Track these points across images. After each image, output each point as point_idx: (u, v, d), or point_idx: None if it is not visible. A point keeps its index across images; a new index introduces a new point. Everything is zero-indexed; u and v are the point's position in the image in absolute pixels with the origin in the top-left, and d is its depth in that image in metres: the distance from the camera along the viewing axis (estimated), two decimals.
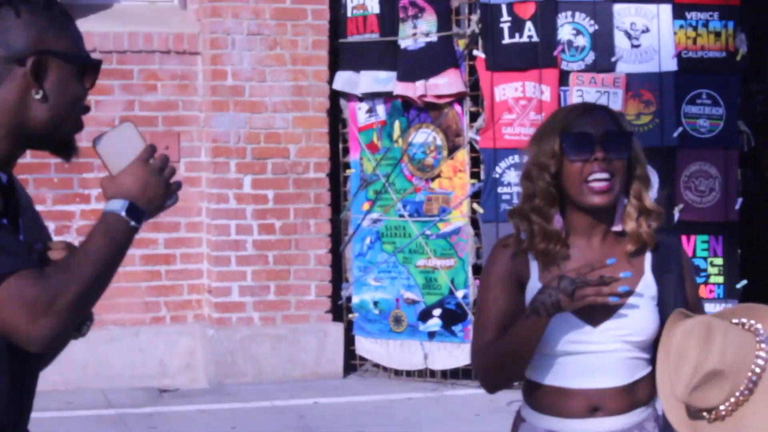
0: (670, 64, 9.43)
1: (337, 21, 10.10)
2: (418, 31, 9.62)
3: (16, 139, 2.76)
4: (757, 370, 3.09)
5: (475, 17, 9.45)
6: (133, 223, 2.69)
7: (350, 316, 10.09)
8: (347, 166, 10.21)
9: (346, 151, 10.20)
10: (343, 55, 10.07)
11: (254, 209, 9.83)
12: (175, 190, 2.79)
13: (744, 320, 3.19)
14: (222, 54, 9.80)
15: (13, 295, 2.56)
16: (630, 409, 3.32)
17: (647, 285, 3.35)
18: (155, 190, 2.73)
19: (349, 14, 10.03)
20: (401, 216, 9.84)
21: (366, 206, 9.99)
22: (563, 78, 9.35)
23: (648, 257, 3.39)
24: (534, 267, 3.41)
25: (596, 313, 3.32)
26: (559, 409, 3.38)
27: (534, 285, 3.37)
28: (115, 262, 2.72)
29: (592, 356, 3.33)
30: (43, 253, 2.78)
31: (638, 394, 3.30)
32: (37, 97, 2.71)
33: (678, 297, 3.36)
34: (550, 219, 3.38)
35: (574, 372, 3.36)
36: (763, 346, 3.11)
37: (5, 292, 2.56)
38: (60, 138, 2.82)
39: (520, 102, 9.29)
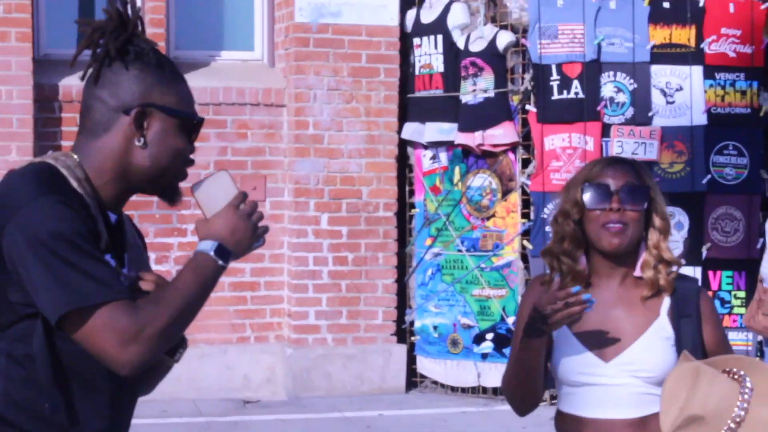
0: (701, 119, 9.72)
1: (406, 78, 10.51)
2: (477, 88, 9.97)
3: (121, 182, 2.93)
4: (737, 419, 3.11)
5: (528, 76, 9.86)
6: (220, 262, 2.86)
7: (412, 338, 10.47)
8: (412, 206, 10.58)
9: (412, 192, 10.57)
10: (410, 108, 10.49)
11: (330, 243, 10.24)
12: (262, 234, 2.94)
13: (735, 370, 3.20)
14: (305, 107, 10.21)
15: (105, 323, 2.70)
16: None
17: (661, 327, 3.40)
18: (243, 233, 2.88)
19: (416, 72, 10.44)
20: (459, 251, 10.19)
21: (428, 242, 10.36)
22: (605, 130, 9.64)
23: (666, 301, 3.43)
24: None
25: (608, 349, 3.41)
26: None
27: None
28: (201, 297, 2.88)
29: (603, 388, 3.38)
30: (134, 283, 2.95)
31: (649, 428, 3.31)
32: (139, 144, 2.90)
33: (695, 340, 3.39)
34: (577, 260, 3.48)
35: (587, 402, 3.42)
36: (745, 396, 3.13)
37: (98, 320, 2.71)
38: (163, 185, 2.99)
39: (566, 151, 9.63)
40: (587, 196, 3.38)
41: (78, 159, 2.88)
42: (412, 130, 10.39)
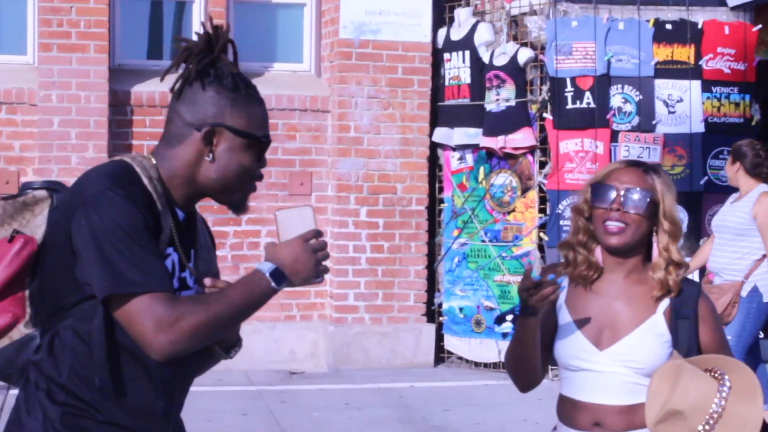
0: (699, 127, 10.06)
1: (437, 88, 10.85)
2: (500, 98, 10.28)
3: (190, 187, 2.97)
4: (714, 415, 3.09)
5: (545, 87, 10.18)
6: (273, 284, 2.83)
7: (440, 318, 10.79)
8: (441, 201, 10.95)
9: (441, 189, 10.96)
10: (441, 114, 10.83)
11: (368, 233, 10.62)
12: (323, 272, 2.90)
13: (716, 369, 3.19)
14: (347, 112, 10.58)
15: (144, 310, 2.73)
16: (628, 429, 3.31)
17: (655, 324, 3.34)
18: (305, 265, 2.85)
19: (446, 83, 10.78)
20: (483, 241, 10.52)
21: (455, 233, 10.70)
22: (614, 136, 9.98)
23: (665, 302, 3.38)
24: (564, 291, 3.44)
25: (604, 338, 3.36)
26: (571, 419, 3.43)
27: (561, 303, 3.44)
28: (246, 310, 2.88)
29: (596, 374, 3.34)
30: (199, 280, 3.03)
31: (638, 416, 3.28)
32: (208, 159, 2.93)
33: (691, 341, 3.34)
34: (591, 251, 3.46)
35: (581, 387, 3.39)
36: (723, 394, 3.11)
37: (138, 305, 2.74)
38: (230, 197, 3.01)
39: (579, 154, 9.97)
40: (594, 195, 3.41)
41: (154, 161, 2.97)
42: (442, 134, 10.77)
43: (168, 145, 2.96)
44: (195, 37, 2.99)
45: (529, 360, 3.38)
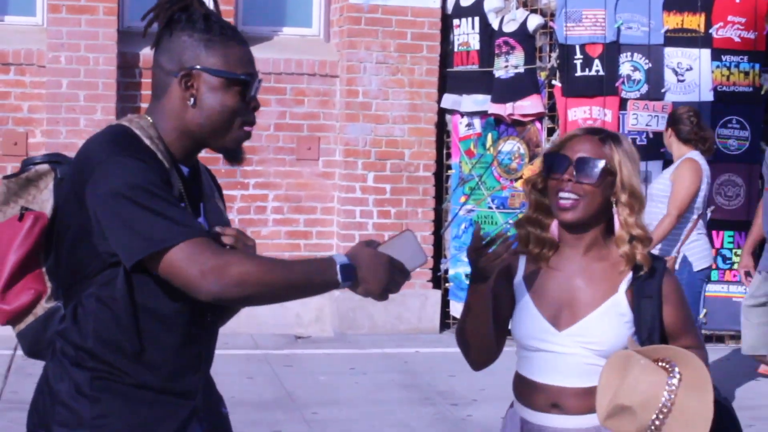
0: (708, 96, 10.05)
1: (446, 54, 10.85)
2: (509, 64, 10.30)
3: (186, 139, 2.97)
4: (664, 409, 3.05)
5: (554, 54, 10.23)
6: (339, 277, 2.79)
7: (446, 284, 10.86)
8: (449, 167, 11.00)
9: (449, 155, 11.01)
10: (449, 81, 10.85)
11: (375, 198, 10.66)
12: (385, 297, 2.86)
13: (666, 359, 3.10)
14: (355, 77, 10.61)
15: (187, 257, 2.75)
16: (587, 412, 3.23)
17: (616, 302, 3.27)
18: (376, 280, 2.81)
19: (455, 49, 10.80)
20: (490, 208, 10.53)
21: (462, 199, 10.70)
22: (622, 104, 9.99)
23: (627, 279, 3.30)
24: (521, 265, 3.39)
25: (563, 318, 3.29)
26: (528, 399, 3.36)
27: (519, 280, 3.37)
28: (300, 287, 2.84)
29: (554, 356, 3.27)
30: (217, 237, 2.98)
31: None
32: (190, 104, 2.94)
33: (654, 321, 3.27)
34: (545, 228, 3.35)
35: (539, 368, 3.32)
36: (672, 387, 3.05)
37: (180, 254, 2.75)
38: (223, 143, 2.99)
39: (587, 122, 9.88)
40: (546, 165, 3.31)
41: (151, 120, 2.98)
42: (450, 101, 10.78)
43: (156, 99, 2.97)
44: None
45: (480, 332, 3.31)
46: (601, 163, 3.19)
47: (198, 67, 2.90)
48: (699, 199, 7.67)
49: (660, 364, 3.04)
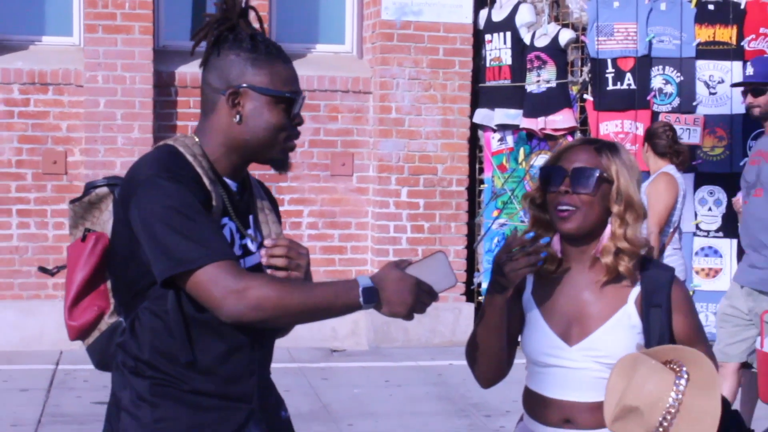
0: (740, 108, 9.59)
1: (478, 69, 10.81)
2: (540, 79, 10.33)
3: (232, 155, 3.02)
4: (671, 410, 3.02)
5: (586, 69, 10.21)
6: (361, 300, 2.81)
7: (479, 298, 10.66)
8: (481, 182, 10.96)
9: (481, 170, 10.95)
10: (481, 96, 10.81)
11: (408, 213, 10.60)
12: (411, 317, 2.88)
13: (674, 360, 3.08)
14: (388, 93, 10.57)
15: (210, 280, 2.80)
16: (600, 427, 3.18)
17: (626, 314, 3.23)
18: (401, 302, 2.83)
19: (487, 65, 10.78)
20: (522, 221, 10.29)
21: (495, 213, 10.69)
22: (654, 117, 9.86)
23: (635, 289, 3.25)
24: (529, 281, 3.35)
25: (573, 333, 3.26)
26: (539, 415, 3.32)
27: (527, 296, 3.34)
28: (322, 309, 2.87)
29: (566, 371, 3.24)
30: (261, 245, 3.06)
31: None
32: (236, 120, 2.99)
33: (663, 330, 3.23)
34: (546, 243, 3.30)
35: (550, 383, 3.29)
36: (680, 387, 3.03)
37: (204, 276, 2.81)
38: (270, 156, 3.04)
39: (619, 135, 9.93)
40: (544, 179, 3.28)
41: (197, 139, 3.04)
42: (482, 115, 10.74)
43: (204, 117, 3.03)
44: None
45: (493, 346, 3.29)
46: (597, 173, 3.16)
47: (244, 85, 2.94)
48: (675, 213, 7.69)
49: (669, 366, 3.01)
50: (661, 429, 2.97)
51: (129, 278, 2.99)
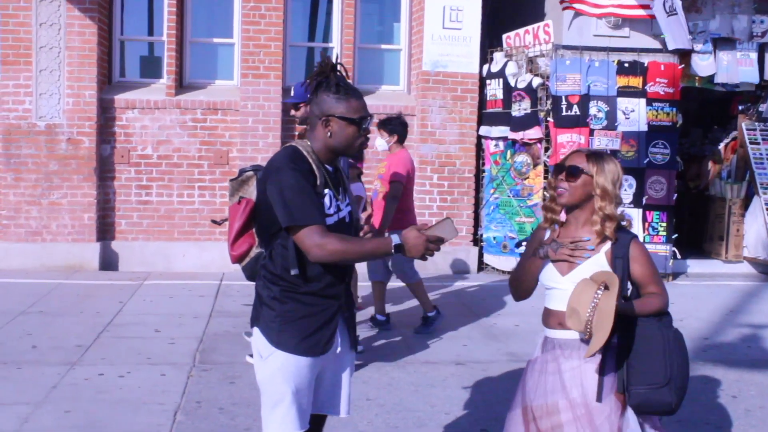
0: (644, 128, 10.38)
1: (482, 101, 11.04)
2: (520, 108, 10.54)
3: (328, 153, 3.05)
4: (592, 308, 2.94)
5: (549, 101, 10.38)
6: (393, 251, 2.85)
7: (481, 243, 11.08)
8: (483, 171, 11.17)
9: (483, 164, 11.17)
10: (484, 118, 11.05)
11: (438, 190, 10.90)
12: (425, 259, 2.89)
13: (604, 279, 2.99)
14: (426, 116, 10.87)
15: (306, 234, 2.86)
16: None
17: (597, 260, 3.12)
18: (417, 250, 2.84)
19: (488, 98, 11.02)
20: (509, 196, 10.78)
21: (492, 191, 10.93)
22: (591, 132, 10.26)
23: (607, 245, 3.14)
24: (547, 235, 3.31)
25: (565, 268, 3.17)
26: (546, 322, 3.25)
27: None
28: (369, 256, 2.92)
29: (561, 292, 3.16)
30: (360, 227, 3.17)
31: None
32: (328, 136, 3.00)
33: (624, 273, 3.10)
34: (557, 213, 3.26)
35: (552, 300, 3.22)
36: (598, 294, 2.95)
37: (302, 232, 2.86)
38: (349, 153, 3.09)
39: (569, 143, 10.24)
40: (555, 170, 3.24)
41: (309, 142, 3.04)
42: (485, 130, 11.04)
43: (311, 130, 3.04)
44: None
45: (529, 281, 3.28)
46: (582, 170, 3.13)
47: (333, 114, 2.98)
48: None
49: (599, 283, 2.96)
50: (588, 321, 2.95)
51: (266, 226, 2.99)
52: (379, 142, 7.20)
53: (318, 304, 2.99)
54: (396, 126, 7.12)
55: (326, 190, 2.94)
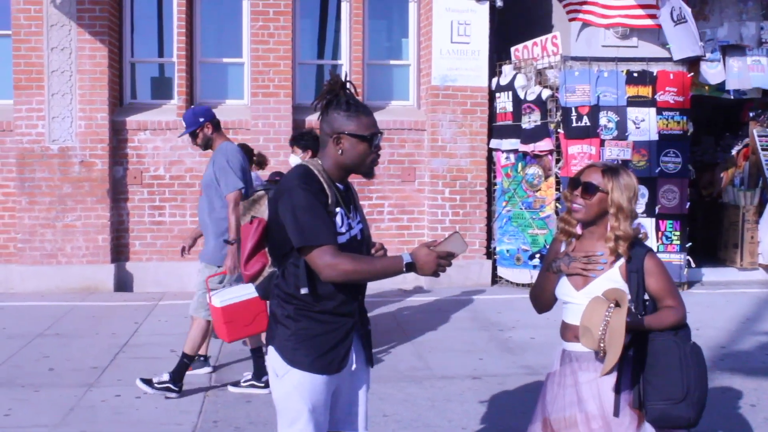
0: (655, 137, 10.33)
1: (492, 114, 11.02)
2: (530, 120, 10.49)
3: (339, 171, 3.03)
4: (603, 326, 2.95)
5: (559, 113, 10.32)
6: (404, 270, 2.85)
7: (495, 256, 11.03)
8: (495, 184, 11.14)
9: (495, 176, 11.14)
10: (494, 131, 11.03)
11: (450, 204, 10.94)
12: (437, 276, 2.87)
13: (614, 297, 2.99)
14: (436, 130, 10.87)
15: (317, 255, 2.85)
16: None
17: (611, 275, 3.12)
18: (428, 268, 2.84)
19: (497, 111, 10.99)
20: (521, 209, 10.73)
21: (504, 204, 10.88)
22: (602, 143, 10.20)
23: (620, 261, 3.13)
24: (562, 248, 3.31)
25: (579, 283, 3.17)
26: (563, 335, 3.26)
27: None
28: (380, 275, 2.87)
29: (576, 306, 3.16)
30: (364, 234, 3.04)
31: None
32: (339, 153, 2.98)
33: (639, 288, 3.09)
34: (572, 225, 3.25)
35: (568, 314, 3.22)
36: (609, 313, 2.95)
37: (314, 252, 2.86)
38: (360, 171, 3.04)
39: (580, 154, 10.20)
40: (571, 184, 3.21)
41: (320, 161, 3.03)
42: (495, 143, 11.01)
43: (322, 149, 3.05)
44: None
45: (546, 295, 3.30)
46: (599, 187, 3.13)
47: (343, 132, 2.97)
48: None
49: (610, 300, 2.97)
50: (600, 339, 2.96)
51: (278, 245, 2.99)
52: (293, 159, 7.12)
53: (332, 321, 3.00)
54: (309, 141, 7.04)
55: (338, 209, 2.94)
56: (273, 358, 3.06)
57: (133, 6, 10.91)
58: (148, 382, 6.09)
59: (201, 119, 6.04)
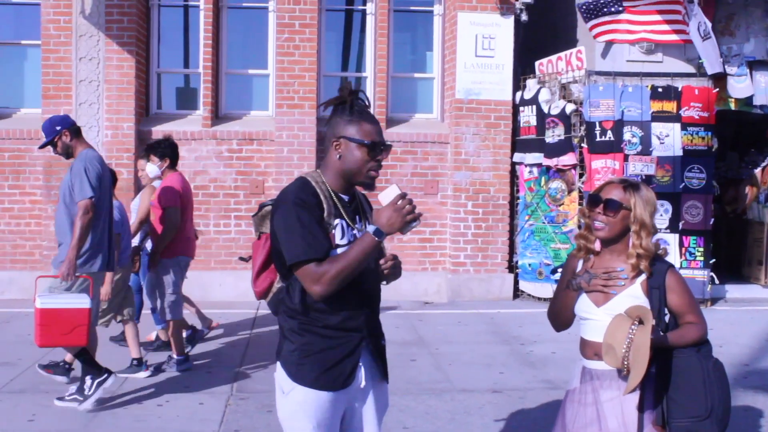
0: (679, 152, 10.32)
1: (516, 128, 11.07)
2: (554, 134, 10.51)
3: (340, 179, 2.95)
4: (627, 344, 2.93)
5: (582, 127, 10.37)
6: (377, 238, 2.76)
7: (517, 270, 11.02)
8: (518, 198, 11.13)
9: (518, 190, 11.13)
10: (518, 144, 11.05)
11: (472, 217, 10.93)
12: (411, 221, 2.77)
13: (637, 314, 2.97)
14: (460, 143, 10.89)
15: (305, 270, 2.80)
16: None
17: (632, 291, 3.10)
18: (396, 221, 2.77)
19: (521, 125, 11.02)
20: (543, 223, 10.76)
21: (527, 218, 10.90)
22: (626, 158, 10.16)
23: (642, 277, 3.11)
24: (580, 264, 3.28)
25: (600, 299, 3.14)
26: (582, 352, 3.23)
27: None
28: (362, 258, 2.77)
29: (596, 322, 3.14)
30: (383, 254, 2.98)
31: None
32: (337, 158, 2.91)
33: (661, 304, 3.08)
34: (591, 242, 3.22)
35: (588, 331, 3.19)
36: (633, 330, 2.93)
37: (302, 267, 2.80)
38: (358, 180, 2.94)
39: (603, 169, 10.19)
40: (590, 201, 3.18)
41: (320, 171, 2.97)
42: (519, 157, 11.03)
43: (326, 157, 3.01)
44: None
45: (564, 313, 3.29)
46: (622, 204, 3.10)
47: (342, 136, 2.92)
48: None
49: (633, 318, 2.96)
50: (624, 357, 2.95)
51: (282, 260, 2.93)
52: (150, 168, 7.01)
53: (337, 337, 2.95)
54: (165, 149, 6.92)
55: (336, 221, 2.89)
56: (279, 374, 3.04)
57: (160, 17, 11.05)
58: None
59: (58, 127, 5.98)
